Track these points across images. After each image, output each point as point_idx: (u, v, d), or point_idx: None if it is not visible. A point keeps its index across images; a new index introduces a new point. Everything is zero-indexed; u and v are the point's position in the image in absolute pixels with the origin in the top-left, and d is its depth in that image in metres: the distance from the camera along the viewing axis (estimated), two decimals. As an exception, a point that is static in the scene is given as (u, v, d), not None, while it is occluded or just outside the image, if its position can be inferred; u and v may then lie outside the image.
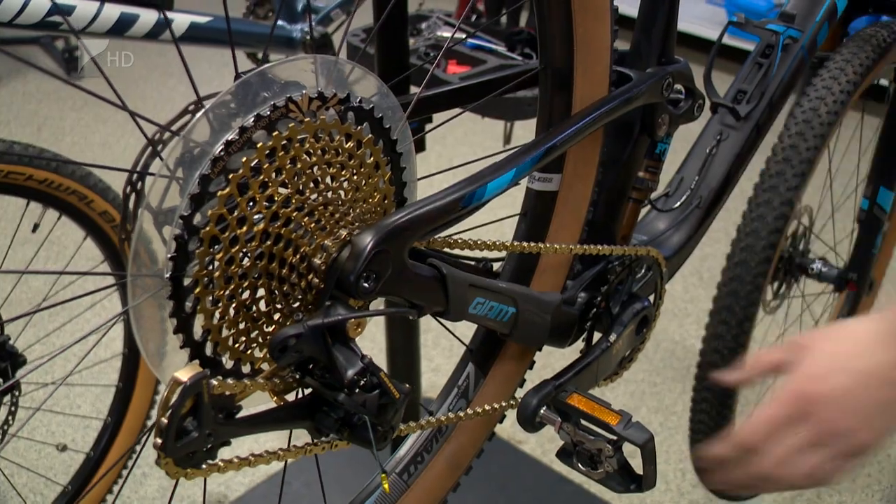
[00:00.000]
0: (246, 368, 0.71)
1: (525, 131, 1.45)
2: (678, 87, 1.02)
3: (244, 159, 0.66)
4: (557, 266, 0.99)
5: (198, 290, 0.65)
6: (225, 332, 0.68)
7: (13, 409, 1.36)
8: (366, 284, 0.68)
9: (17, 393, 1.35)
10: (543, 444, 1.89)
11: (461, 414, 0.85)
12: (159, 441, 0.60)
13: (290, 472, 1.73)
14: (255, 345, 0.71)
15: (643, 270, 1.07)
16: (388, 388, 0.69)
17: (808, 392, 0.74)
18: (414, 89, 1.34)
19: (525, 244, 0.89)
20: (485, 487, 1.72)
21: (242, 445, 0.68)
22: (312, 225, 0.69)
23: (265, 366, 0.72)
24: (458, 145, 2.85)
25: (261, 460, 0.67)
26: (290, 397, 0.72)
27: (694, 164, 1.19)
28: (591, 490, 1.77)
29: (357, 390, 0.67)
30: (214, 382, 0.62)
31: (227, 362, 0.70)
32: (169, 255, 0.64)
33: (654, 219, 1.17)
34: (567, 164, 0.95)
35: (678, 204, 1.16)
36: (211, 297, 0.66)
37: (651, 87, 0.96)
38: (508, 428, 1.91)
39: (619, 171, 1.03)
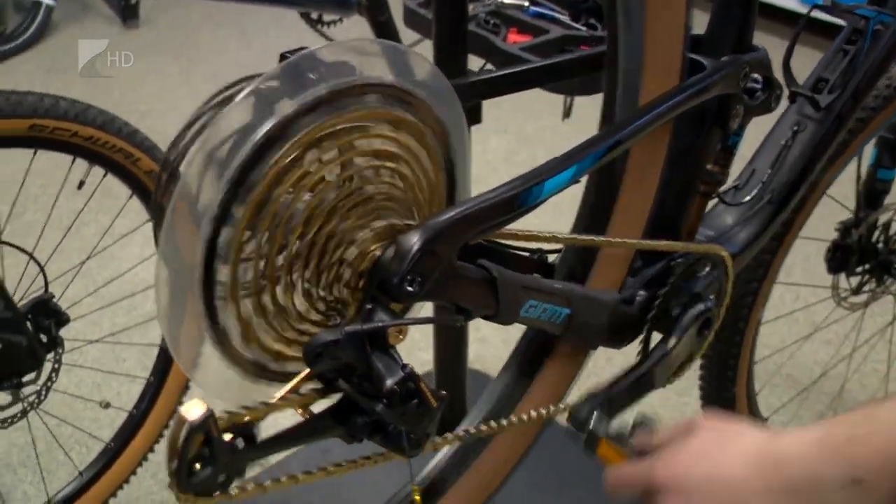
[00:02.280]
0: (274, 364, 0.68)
1: (586, 101, 1.38)
2: (755, 76, 0.95)
3: (286, 149, 0.62)
4: (618, 260, 0.94)
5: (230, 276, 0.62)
6: (256, 322, 0.65)
7: (56, 366, 1.36)
8: (410, 288, 0.64)
9: (60, 350, 1.35)
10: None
11: (504, 423, 0.81)
12: (173, 480, 0.57)
13: (333, 441, 1.71)
14: (285, 340, 0.68)
15: (707, 268, 1.01)
16: (426, 398, 0.65)
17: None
18: (471, 57, 1.28)
19: (582, 237, 0.84)
20: (532, 468, 1.68)
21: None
22: (356, 219, 0.65)
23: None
24: (514, 111, 2.77)
25: (293, 482, 0.64)
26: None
27: (767, 155, 1.12)
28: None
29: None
30: (224, 415, 0.59)
31: (252, 355, 0.67)
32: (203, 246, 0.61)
33: (722, 212, 1.11)
34: (632, 154, 0.90)
35: (748, 198, 1.10)
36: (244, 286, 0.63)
37: (726, 78, 0.89)
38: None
39: (687, 164, 0.97)
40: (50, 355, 1.34)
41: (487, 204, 0.68)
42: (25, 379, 1.31)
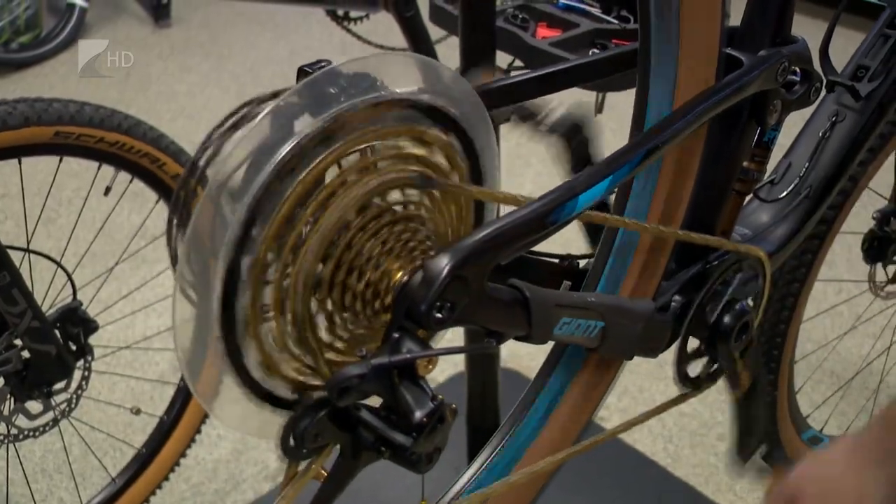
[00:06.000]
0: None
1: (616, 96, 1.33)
2: (794, 69, 0.91)
3: (308, 170, 0.60)
4: (652, 265, 0.90)
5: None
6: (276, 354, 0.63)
7: (86, 373, 1.35)
8: (439, 315, 0.61)
9: (89, 358, 1.35)
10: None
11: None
12: None
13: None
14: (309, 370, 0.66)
15: (744, 270, 0.98)
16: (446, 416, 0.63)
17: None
18: (500, 54, 1.25)
19: (626, 219, 0.81)
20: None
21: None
22: (382, 243, 0.63)
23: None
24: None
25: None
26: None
27: (804, 148, 1.08)
28: (676, 474, 1.69)
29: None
30: None
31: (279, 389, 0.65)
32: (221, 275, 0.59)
33: (757, 209, 1.07)
34: (666, 152, 0.86)
35: (784, 193, 1.06)
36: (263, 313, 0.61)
37: (764, 74, 0.85)
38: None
39: (722, 162, 0.93)
40: (80, 363, 1.34)
41: (518, 223, 0.65)
42: (56, 388, 1.31)
